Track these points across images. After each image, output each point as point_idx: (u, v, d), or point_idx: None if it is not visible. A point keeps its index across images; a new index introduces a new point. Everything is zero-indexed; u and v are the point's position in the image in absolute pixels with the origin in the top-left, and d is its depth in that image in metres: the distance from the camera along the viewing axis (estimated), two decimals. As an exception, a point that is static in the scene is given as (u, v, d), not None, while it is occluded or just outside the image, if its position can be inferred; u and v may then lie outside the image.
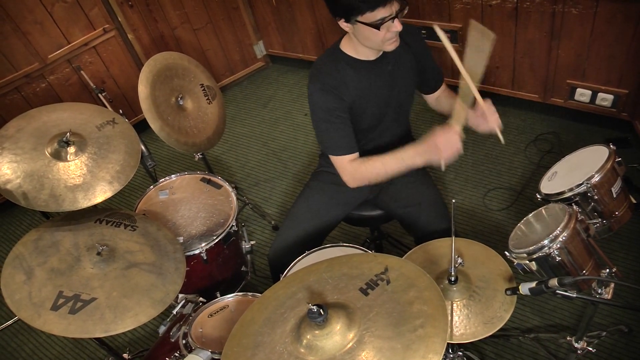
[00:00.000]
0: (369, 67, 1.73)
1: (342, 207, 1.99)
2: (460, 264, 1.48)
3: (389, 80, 1.78)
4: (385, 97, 1.81)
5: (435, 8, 2.97)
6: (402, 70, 1.79)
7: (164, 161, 3.51)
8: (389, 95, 1.81)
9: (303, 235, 1.93)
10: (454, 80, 3.29)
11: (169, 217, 2.12)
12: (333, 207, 1.98)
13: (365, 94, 1.76)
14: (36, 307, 1.45)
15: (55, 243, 1.64)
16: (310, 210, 1.96)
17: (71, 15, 3.15)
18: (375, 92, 1.78)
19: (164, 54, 2.32)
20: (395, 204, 1.94)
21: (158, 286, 1.59)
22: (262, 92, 4.01)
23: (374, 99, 1.79)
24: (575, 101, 2.88)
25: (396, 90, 1.81)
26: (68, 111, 1.92)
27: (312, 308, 1.06)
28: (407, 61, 1.79)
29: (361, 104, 1.77)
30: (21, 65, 3.09)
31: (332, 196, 1.97)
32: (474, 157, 2.98)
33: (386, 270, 1.20)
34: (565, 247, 1.37)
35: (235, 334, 1.21)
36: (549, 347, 2.04)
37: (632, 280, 2.21)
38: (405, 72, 1.81)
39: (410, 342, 1.02)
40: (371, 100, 1.78)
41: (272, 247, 1.96)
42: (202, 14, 3.70)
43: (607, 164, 1.47)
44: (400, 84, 1.81)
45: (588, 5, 2.46)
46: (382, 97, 1.80)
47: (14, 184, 1.62)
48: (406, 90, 1.86)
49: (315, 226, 1.94)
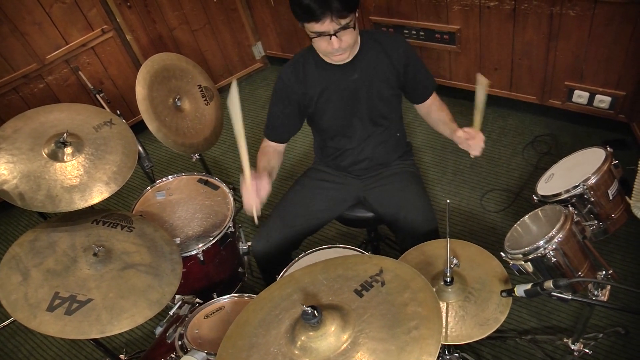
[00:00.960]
0: (334, 71, 1.77)
1: (330, 205, 2.01)
2: (456, 264, 1.48)
3: (352, 88, 1.79)
4: (348, 105, 1.83)
5: (433, 10, 2.97)
6: (372, 81, 1.79)
7: (161, 162, 3.51)
8: (352, 105, 1.83)
9: (288, 228, 1.95)
10: (451, 82, 3.30)
11: (166, 218, 2.12)
12: (319, 203, 2.00)
13: (325, 95, 1.81)
14: (32, 308, 1.44)
15: (52, 244, 1.64)
16: (294, 204, 2.00)
17: (69, 16, 3.15)
18: (336, 97, 1.82)
19: (161, 54, 2.32)
20: (382, 208, 1.95)
21: (154, 287, 1.59)
22: (261, 93, 4.01)
23: (334, 103, 1.83)
24: (573, 103, 2.88)
25: (363, 101, 1.82)
26: (65, 112, 1.92)
27: (306, 309, 1.06)
28: (382, 72, 1.79)
29: (321, 105, 1.84)
30: (19, 66, 3.08)
31: (319, 193, 2.01)
32: (472, 158, 2.97)
33: (381, 272, 1.20)
34: (560, 248, 1.37)
35: (230, 335, 1.21)
36: (546, 348, 2.04)
37: (629, 282, 2.21)
38: (378, 84, 1.80)
39: (405, 343, 1.02)
40: (331, 103, 1.83)
41: (256, 238, 1.98)
42: (200, 15, 3.71)
43: (603, 166, 1.47)
44: (369, 95, 1.81)
45: (586, 7, 2.46)
46: (344, 104, 1.83)
47: (10, 184, 1.62)
48: (380, 102, 1.84)
49: (300, 221, 1.97)
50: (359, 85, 1.79)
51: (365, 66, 1.77)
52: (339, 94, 1.81)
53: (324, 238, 2.70)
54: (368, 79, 1.78)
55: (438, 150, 3.09)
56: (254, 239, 1.99)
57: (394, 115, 1.94)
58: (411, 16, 3.09)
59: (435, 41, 3.10)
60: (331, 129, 1.92)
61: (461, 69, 3.18)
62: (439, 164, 3.00)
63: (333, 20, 1.53)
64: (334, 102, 1.83)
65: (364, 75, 1.78)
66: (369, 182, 2.00)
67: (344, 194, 2.01)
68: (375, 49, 1.77)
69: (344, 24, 1.55)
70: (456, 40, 3.02)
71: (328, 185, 2.02)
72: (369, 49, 1.77)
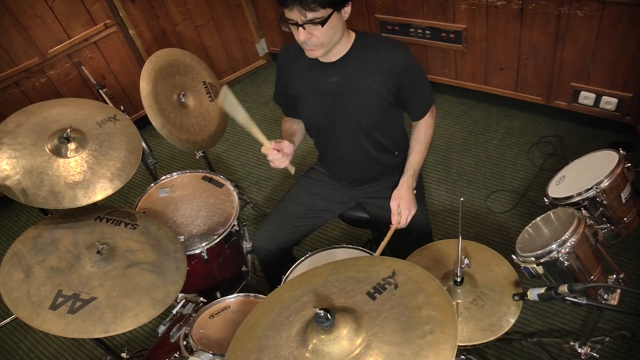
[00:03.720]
0: (316, 69, 1.70)
1: (331, 204, 1.99)
2: (467, 265, 1.46)
3: (330, 91, 1.71)
4: (325, 107, 1.75)
5: (439, 8, 2.95)
6: (355, 87, 1.68)
7: (165, 159, 3.49)
8: (332, 108, 1.74)
9: (289, 226, 1.94)
10: (457, 81, 3.28)
11: (170, 215, 2.10)
12: (320, 202, 1.98)
13: (304, 91, 1.77)
14: (35, 306, 1.42)
15: (55, 241, 1.62)
16: (295, 203, 1.99)
17: (72, 10, 3.12)
18: (313, 97, 1.76)
19: (166, 50, 2.29)
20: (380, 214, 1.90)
21: (158, 286, 1.57)
22: (264, 90, 3.98)
23: (310, 103, 1.78)
24: (579, 104, 2.86)
25: (345, 107, 1.72)
26: (69, 107, 1.89)
27: (319, 312, 1.03)
28: (368, 80, 1.66)
29: (300, 100, 1.80)
30: (21, 60, 3.05)
31: (319, 192, 2.00)
32: (477, 159, 2.96)
33: (394, 274, 1.18)
34: (573, 252, 1.35)
35: (239, 337, 1.18)
36: (552, 351, 2.02)
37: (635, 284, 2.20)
38: (362, 92, 1.68)
39: (420, 348, 1.00)
40: (307, 101, 1.78)
41: (257, 236, 1.97)
42: (204, 10, 3.67)
43: (617, 169, 1.45)
44: (351, 102, 1.70)
45: (594, 8, 2.44)
46: (321, 105, 1.76)
47: (13, 180, 1.59)
48: (365, 112, 1.72)
49: (301, 219, 1.96)
50: (339, 88, 1.69)
51: (350, 70, 1.66)
52: (316, 94, 1.74)
53: (328, 237, 2.68)
54: (350, 83, 1.67)
55: (442, 150, 3.07)
56: (254, 236, 1.98)
57: (385, 130, 1.80)
58: (417, 14, 3.07)
59: (441, 40, 3.08)
60: (312, 127, 1.87)
61: (467, 68, 3.16)
62: (443, 164, 2.98)
63: (299, 10, 1.45)
64: (310, 101, 1.78)
65: (346, 80, 1.67)
66: (366, 191, 1.97)
67: (345, 197, 1.99)
68: (367, 54, 1.65)
69: (310, 17, 1.46)
70: (462, 39, 2.99)
71: (328, 187, 2.00)
72: (359, 53, 1.65)
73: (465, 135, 3.14)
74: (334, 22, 1.51)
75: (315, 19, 1.47)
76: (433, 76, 3.36)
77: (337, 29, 1.56)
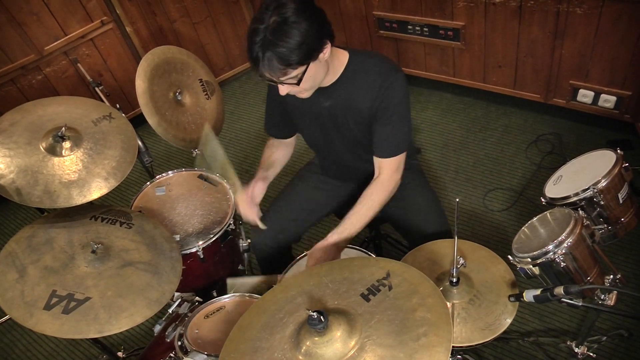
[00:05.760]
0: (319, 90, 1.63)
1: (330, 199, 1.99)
2: (463, 264, 1.45)
3: (325, 114, 1.68)
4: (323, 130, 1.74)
5: (437, 5, 2.93)
6: (347, 113, 1.65)
7: (161, 157, 3.47)
8: (330, 130, 1.73)
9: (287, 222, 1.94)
10: (455, 79, 3.26)
11: (166, 214, 2.09)
12: (319, 197, 1.98)
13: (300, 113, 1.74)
14: (28, 307, 1.41)
15: (49, 240, 1.61)
16: (293, 198, 1.98)
17: (68, 7, 3.10)
18: (309, 119, 1.74)
19: (162, 47, 2.28)
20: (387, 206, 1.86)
21: (154, 286, 1.56)
22: (261, 87, 3.97)
23: (307, 125, 1.77)
24: (577, 102, 2.85)
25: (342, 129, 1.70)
26: (64, 105, 1.87)
27: (312, 314, 1.03)
28: (358, 105, 1.61)
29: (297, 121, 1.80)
30: (17, 57, 3.03)
31: (318, 187, 1.99)
32: (475, 157, 2.95)
33: (388, 276, 1.17)
34: (570, 252, 1.35)
35: (232, 338, 1.18)
36: (549, 351, 2.02)
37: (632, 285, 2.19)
38: (354, 117, 1.65)
39: (414, 351, 0.99)
40: (305, 123, 1.77)
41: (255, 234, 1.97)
42: (201, 7, 3.66)
43: (614, 169, 1.44)
44: (348, 126, 1.68)
45: (593, 5, 2.43)
46: (318, 127, 1.75)
47: (7, 179, 1.58)
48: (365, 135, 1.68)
49: (299, 214, 1.96)
50: (332, 112, 1.66)
51: (342, 95, 1.61)
52: (310, 117, 1.73)
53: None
54: (342, 107, 1.64)
55: (440, 147, 3.06)
56: (253, 234, 1.97)
57: None
58: (415, 11, 3.05)
59: (439, 37, 3.06)
60: (310, 143, 1.89)
61: (465, 66, 3.15)
62: (441, 162, 2.97)
63: (271, 75, 1.41)
64: (306, 121, 1.77)
65: (339, 104, 1.63)
66: None
67: (344, 190, 1.98)
68: (358, 79, 1.59)
69: (282, 79, 1.42)
70: (460, 36, 2.98)
71: (327, 180, 2.00)
72: (351, 78, 1.60)
73: (463, 133, 3.13)
74: (312, 71, 1.45)
75: (286, 81, 1.43)
76: (431, 74, 3.34)
77: (318, 73, 1.49)
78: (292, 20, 1.34)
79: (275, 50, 1.34)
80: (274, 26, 1.34)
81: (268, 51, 1.35)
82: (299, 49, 1.35)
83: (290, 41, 1.34)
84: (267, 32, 1.34)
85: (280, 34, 1.34)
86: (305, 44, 1.36)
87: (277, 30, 1.34)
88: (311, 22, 1.36)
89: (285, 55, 1.35)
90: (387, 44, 3.36)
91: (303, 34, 1.35)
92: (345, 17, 3.33)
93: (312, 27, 1.36)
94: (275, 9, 1.35)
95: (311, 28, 1.36)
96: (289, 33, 1.34)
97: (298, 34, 1.34)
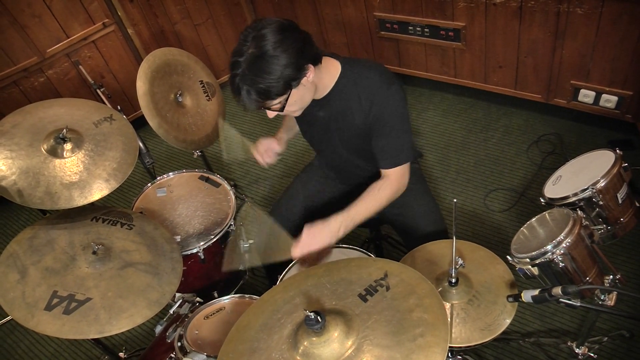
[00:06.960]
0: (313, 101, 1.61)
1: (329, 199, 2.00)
2: (461, 265, 1.45)
3: (321, 123, 1.69)
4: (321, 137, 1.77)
5: (438, 6, 2.93)
6: (342, 124, 1.64)
7: (162, 158, 3.48)
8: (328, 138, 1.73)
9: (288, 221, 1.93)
10: (456, 79, 3.26)
11: (167, 215, 2.10)
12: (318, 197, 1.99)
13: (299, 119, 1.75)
14: (30, 307, 1.42)
15: (50, 241, 1.62)
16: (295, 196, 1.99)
17: (70, 9, 3.11)
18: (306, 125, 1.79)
19: (163, 49, 2.29)
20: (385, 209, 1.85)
21: (154, 286, 1.57)
22: (263, 88, 3.97)
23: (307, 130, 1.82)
24: (578, 102, 2.84)
25: (338, 139, 1.71)
26: (65, 107, 1.89)
27: (309, 315, 1.03)
28: (352, 115, 1.59)
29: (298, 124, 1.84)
30: (19, 59, 3.05)
31: (320, 185, 2.00)
32: (476, 157, 2.95)
33: (386, 276, 1.18)
34: (569, 253, 1.35)
35: (231, 338, 1.18)
36: (549, 351, 2.02)
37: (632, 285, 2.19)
38: (348, 130, 1.65)
39: (410, 351, 1.00)
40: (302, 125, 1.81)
41: None
42: (202, 9, 3.67)
43: (613, 169, 1.44)
44: (339, 135, 1.69)
45: (593, 5, 2.43)
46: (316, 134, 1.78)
47: (8, 180, 1.59)
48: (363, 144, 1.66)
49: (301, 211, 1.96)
50: (326, 122, 1.66)
51: (335, 106, 1.60)
52: (307, 124, 1.77)
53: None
54: (336, 119, 1.63)
55: (441, 148, 3.06)
56: None
57: None
58: (416, 12, 3.05)
59: (440, 38, 3.06)
60: (312, 146, 1.91)
61: (466, 66, 3.14)
62: (442, 162, 2.97)
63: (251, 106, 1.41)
64: (303, 127, 1.80)
65: (332, 114, 1.63)
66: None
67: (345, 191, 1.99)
68: (350, 91, 1.56)
69: (265, 108, 1.43)
70: (461, 37, 2.98)
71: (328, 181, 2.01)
72: (343, 90, 1.57)
73: (464, 133, 3.13)
74: (296, 96, 1.44)
75: (273, 106, 1.43)
76: (432, 74, 3.35)
77: (305, 95, 1.48)
78: (270, 55, 1.32)
79: (253, 86, 1.34)
80: (252, 60, 1.32)
81: (246, 85, 1.34)
82: (277, 83, 1.34)
83: (268, 77, 1.33)
84: (245, 66, 1.33)
85: (257, 69, 1.33)
86: (282, 77, 1.34)
87: (254, 65, 1.32)
88: (290, 53, 1.34)
89: (264, 90, 1.35)
90: (388, 45, 3.36)
91: (282, 68, 1.33)
92: (346, 19, 3.34)
93: (291, 59, 1.34)
94: (253, 40, 1.33)
95: (290, 61, 1.34)
96: (267, 69, 1.33)
97: (276, 69, 1.33)
